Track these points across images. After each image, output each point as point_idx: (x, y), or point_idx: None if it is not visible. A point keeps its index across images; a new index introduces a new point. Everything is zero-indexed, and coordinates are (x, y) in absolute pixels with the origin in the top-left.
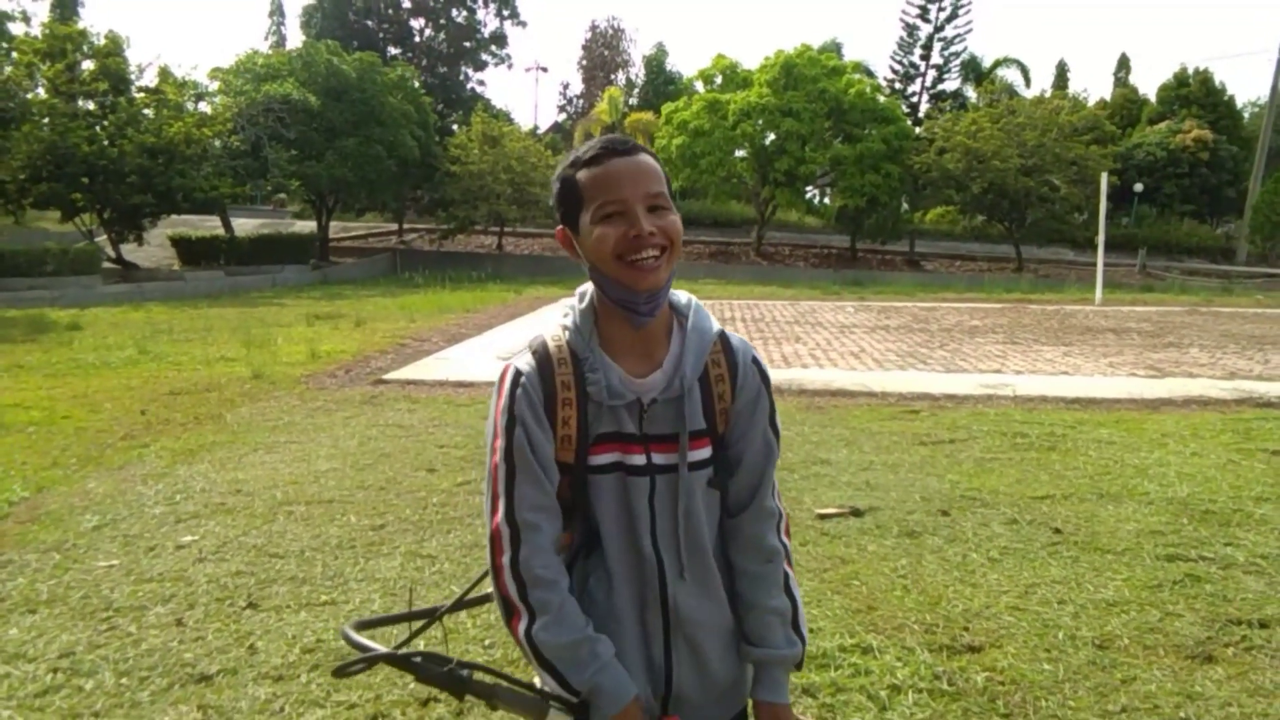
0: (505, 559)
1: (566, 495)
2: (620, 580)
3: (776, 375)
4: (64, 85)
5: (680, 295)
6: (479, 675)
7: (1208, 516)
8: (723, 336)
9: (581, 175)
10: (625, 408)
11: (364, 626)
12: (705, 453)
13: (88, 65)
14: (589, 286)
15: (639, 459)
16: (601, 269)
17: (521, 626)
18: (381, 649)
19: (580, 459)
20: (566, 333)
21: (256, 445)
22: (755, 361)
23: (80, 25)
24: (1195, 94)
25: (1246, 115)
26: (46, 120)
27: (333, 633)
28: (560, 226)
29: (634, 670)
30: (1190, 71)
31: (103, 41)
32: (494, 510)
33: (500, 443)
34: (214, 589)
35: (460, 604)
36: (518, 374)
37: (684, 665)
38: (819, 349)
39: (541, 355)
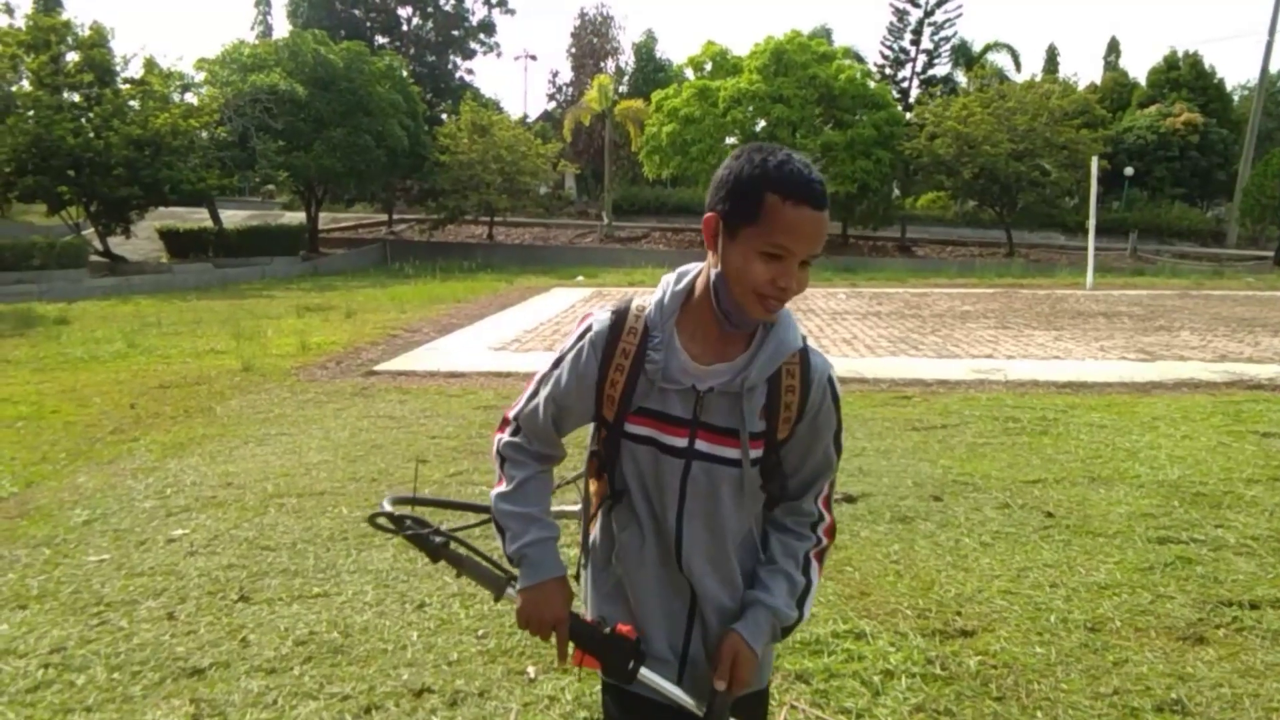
0: (500, 437)
1: (603, 448)
2: (650, 534)
3: None
4: (48, 77)
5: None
6: (460, 549)
7: (1199, 499)
8: (804, 351)
9: (772, 199)
10: (678, 392)
11: (400, 501)
12: (755, 453)
13: (72, 57)
14: (691, 270)
15: (678, 441)
16: (731, 286)
17: (495, 489)
18: (388, 508)
19: (618, 421)
20: (650, 306)
21: (247, 438)
22: (830, 381)
23: (64, 17)
24: (1185, 77)
25: (1236, 98)
26: (31, 113)
27: (326, 624)
28: (713, 213)
29: (651, 618)
30: (1180, 55)
31: (87, 33)
32: (519, 404)
33: (546, 369)
34: (205, 582)
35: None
36: (589, 329)
37: (700, 633)
38: (811, 335)
39: (619, 317)
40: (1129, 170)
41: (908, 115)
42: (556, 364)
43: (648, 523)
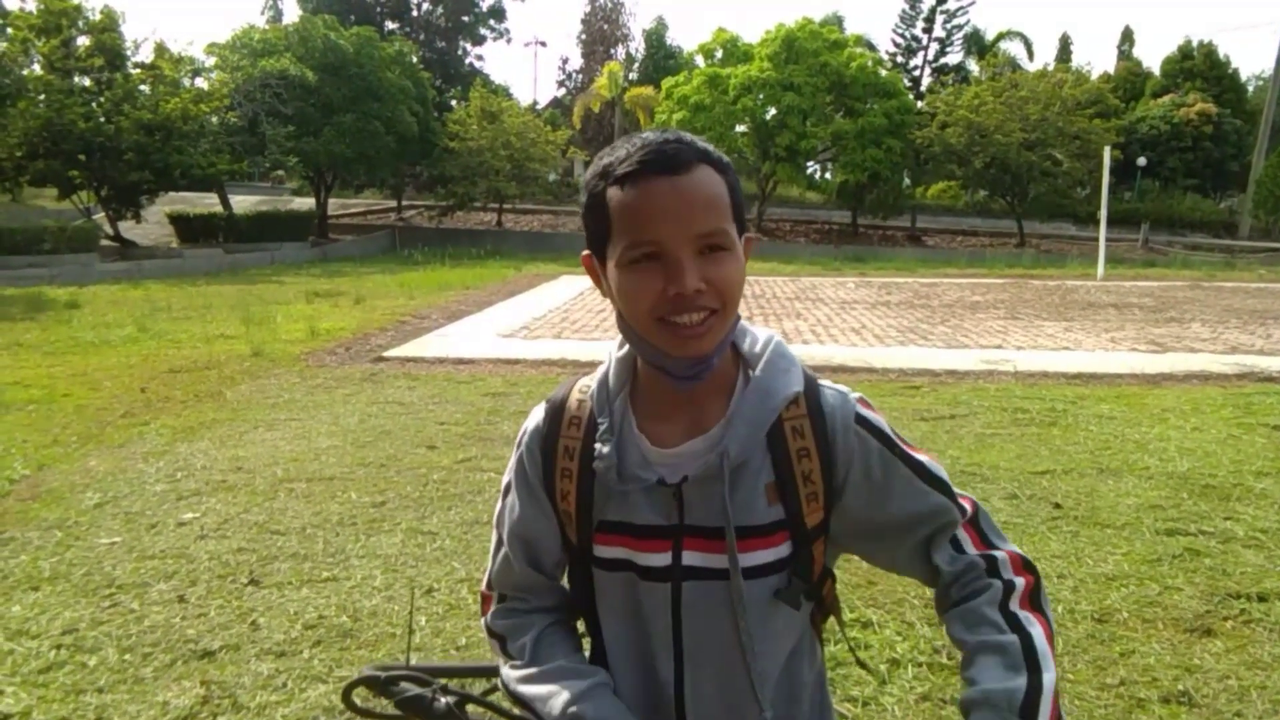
0: (484, 620)
1: (574, 586)
2: (635, 703)
3: None
4: (59, 61)
5: (756, 335)
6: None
7: (1208, 491)
8: (810, 394)
9: (613, 194)
10: (644, 492)
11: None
12: (774, 553)
13: (83, 41)
14: None
15: (658, 559)
16: (631, 324)
17: (510, 682)
18: (369, 672)
19: (584, 544)
20: (593, 385)
21: (257, 423)
22: (862, 420)
23: (75, 1)
24: (1199, 67)
25: (1251, 88)
26: (42, 97)
27: (335, 608)
28: (586, 252)
29: None
30: (1194, 44)
31: (98, 17)
32: (487, 570)
33: (497, 506)
34: (216, 566)
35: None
36: (523, 433)
37: None
38: (820, 325)
39: (554, 411)
40: (1141, 160)
41: (919, 104)
42: (505, 494)
43: (631, 686)
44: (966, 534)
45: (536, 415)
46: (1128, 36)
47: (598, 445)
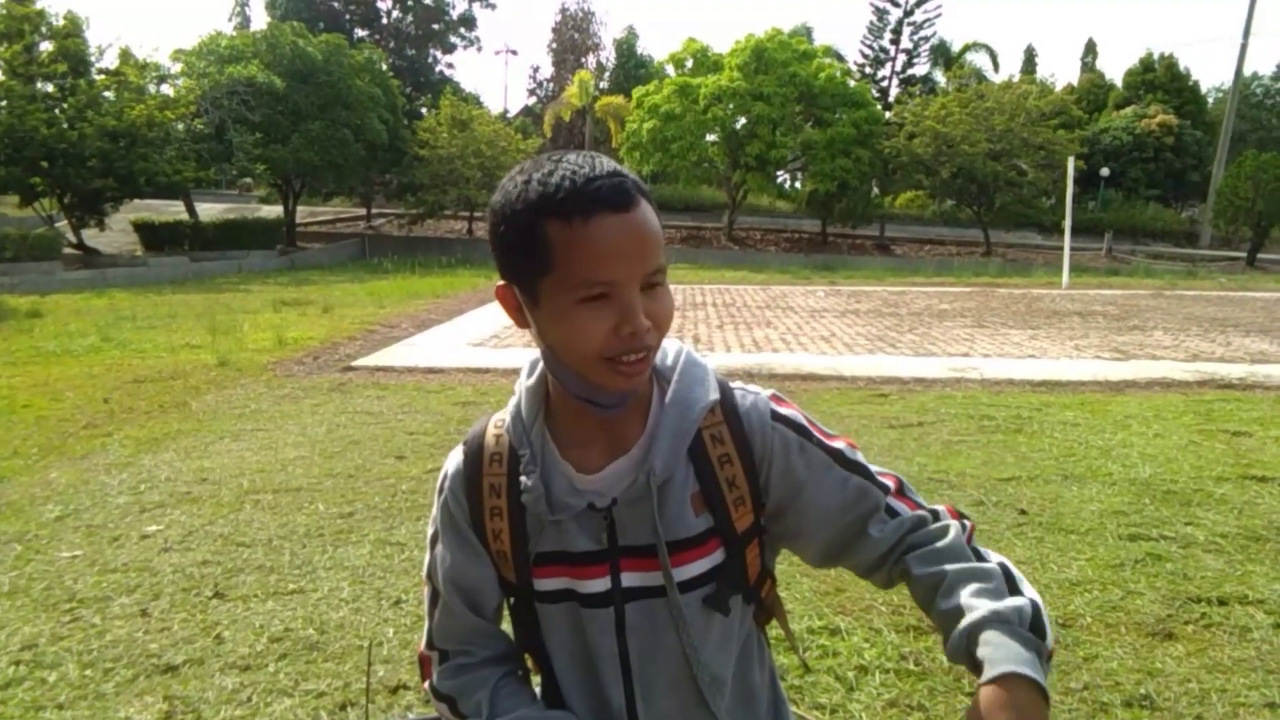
0: (429, 684)
1: (517, 626)
2: None
3: (746, 360)
4: (21, 67)
5: (666, 349)
6: None
7: (1169, 496)
8: (726, 400)
9: (554, 229)
10: (576, 519)
11: None
12: (708, 562)
13: (46, 46)
14: (539, 354)
15: (597, 584)
16: (567, 362)
17: None
18: None
19: (524, 581)
20: (507, 418)
21: (222, 433)
22: (777, 416)
23: (38, 6)
24: (1161, 79)
25: (1211, 100)
26: (4, 103)
27: (301, 621)
28: (502, 283)
29: None
30: (1156, 57)
31: (61, 22)
32: (425, 630)
33: (425, 558)
34: (179, 579)
35: None
36: (444, 478)
37: None
38: (789, 333)
39: (473, 450)
40: (1105, 171)
41: (887, 114)
42: (433, 544)
43: (587, 717)
44: (899, 501)
45: (455, 458)
46: (1091, 49)
47: (523, 478)
